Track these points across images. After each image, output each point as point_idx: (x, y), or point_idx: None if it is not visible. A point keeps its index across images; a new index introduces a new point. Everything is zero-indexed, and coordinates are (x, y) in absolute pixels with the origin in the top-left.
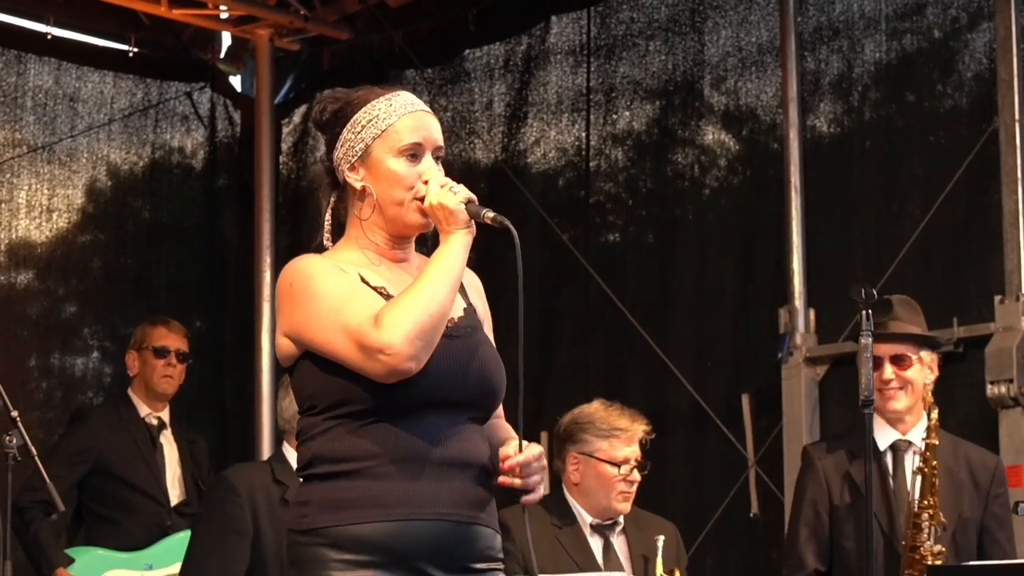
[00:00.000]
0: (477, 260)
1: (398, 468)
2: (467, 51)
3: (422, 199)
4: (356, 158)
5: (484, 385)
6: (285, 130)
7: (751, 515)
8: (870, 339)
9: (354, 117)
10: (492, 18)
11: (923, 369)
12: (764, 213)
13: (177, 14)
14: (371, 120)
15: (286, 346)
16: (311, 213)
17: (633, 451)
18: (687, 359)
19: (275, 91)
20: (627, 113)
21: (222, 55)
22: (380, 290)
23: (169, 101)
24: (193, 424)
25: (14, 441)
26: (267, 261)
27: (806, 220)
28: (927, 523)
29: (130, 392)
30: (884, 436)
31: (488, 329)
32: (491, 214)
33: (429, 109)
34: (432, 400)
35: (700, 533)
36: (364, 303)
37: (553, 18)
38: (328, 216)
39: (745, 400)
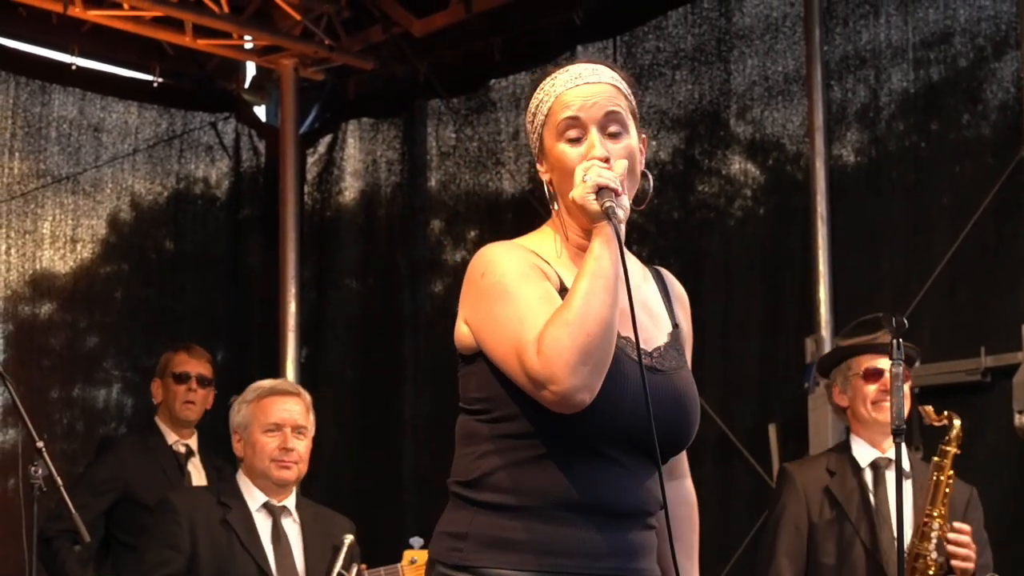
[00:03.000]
0: None
1: (572, 513)
2: (492, 81)
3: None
4: (538, 150)
5: (679, 432)
6: (310, 160)
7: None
8: (901, 368)
9: (529, 106)
10: (518, 47)
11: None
12: (790, 243)
13: (202, 44)
14: (538, 105)
15: (465, 336)
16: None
17: None
18: (713, 389)
19: (300, 121)
20: (653, 143)
21: (247, 85)
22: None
23: (193, 131)
24: (219, 454)
25: (40, 471)
26: (291, 291)
27: (832, 249)
28: (936, 532)
29: (157, 420)
30: (865, 454)
31: (688, 348)
32: (609, 203)
33: (601, 76)
34: (618, 439)
35: (727, 563)
36: (544, 320)
37: (579, 47)
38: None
39: (771, 430)
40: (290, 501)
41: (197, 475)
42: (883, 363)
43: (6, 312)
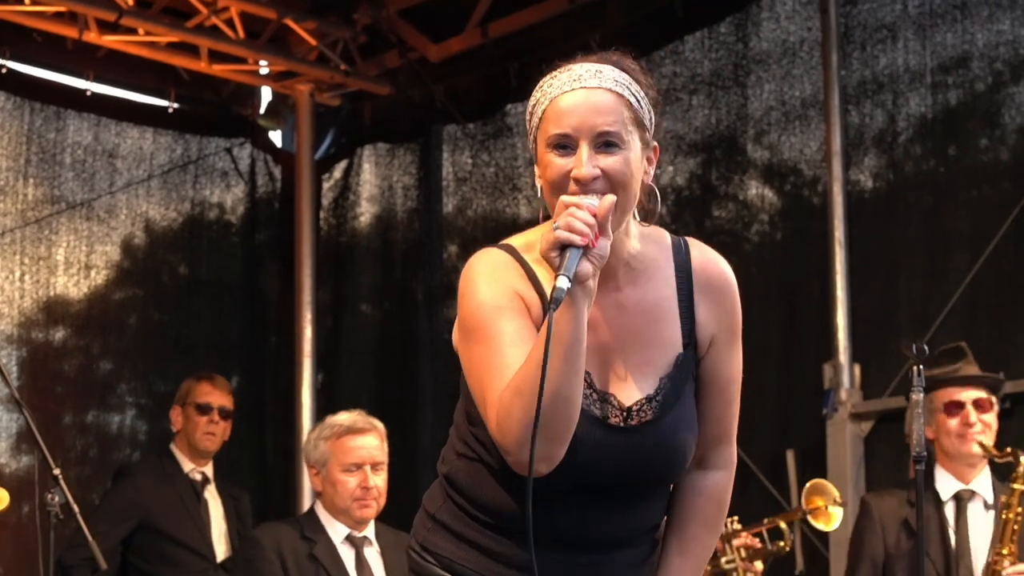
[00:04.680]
0: None
1: (525, 536)
2: (509, 106)
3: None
4: (533, 151)
5: (641, 477)
6: (325, 185)
7: (797, 573)
8: (921, 395)
9: (529, 102)
10: (534, 72)
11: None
12: (807, 268)
13: (217, 70)
14: (535, 106)
15: (456, 341)
16: (351, 268)
17: None
18: None
19: (315, 146)
20: (670, 168)
21: (262, 110)
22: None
23: (209, 157)
24: (234, 481)
25: (56, 499)
26: (307, 317)
27: (850, 274)
28: (1007, 572)
29: (173, 447)
30: (947, 486)
31: (721, 347)
32: (559, 283)
33: (603, 81)
34: (580, 489)
35: None
36: (510, 373)
37: None
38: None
39: (790, 456)
40: (370, 530)
41: (214, 503)
42: (963, 395)
43: (20, 338)
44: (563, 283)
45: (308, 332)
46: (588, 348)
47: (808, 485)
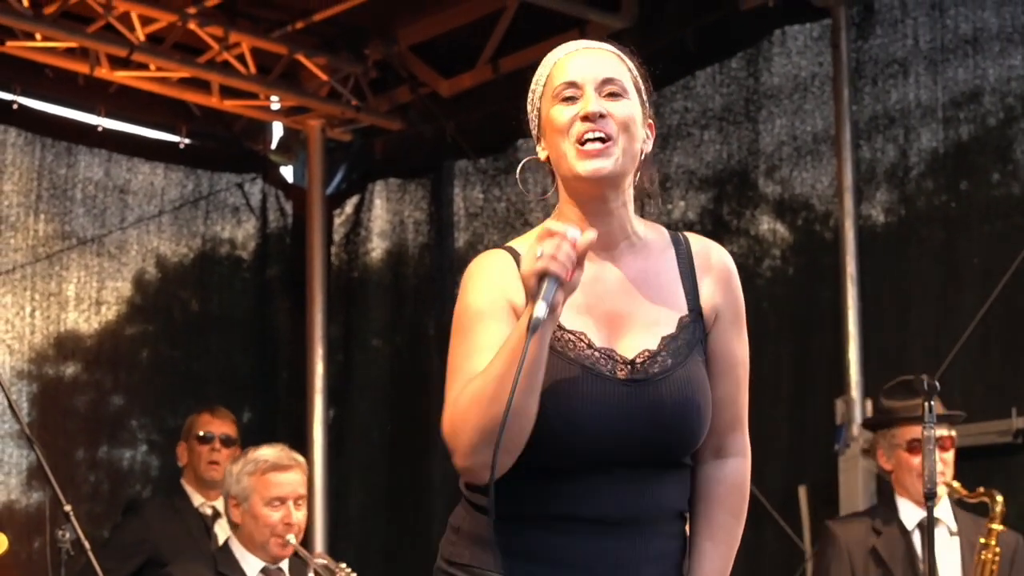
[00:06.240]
0: None
1: (549, 522)
2: (520, 140)
3: (583, 142)
4: (537, 128)
5: (668, 439)
6: (337, 220)
7: None
8: (933, 430)
9: (530, 86)
10: None
11: None
12: (819, 303)
13: (228, 105)
14: (537, 79)
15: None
16: (362, 303)
17: None
18: None
19: (327, 181)
20: (681, 202)
21: (274, 146)
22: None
23: (220, 192)
24: None
25: (67, 535)
26: (319, 352)
27: (862, 309)
28: None
29: (183, 482)
30: (910, 515)
31: (726, 324)
32: (537, 311)
33: (603, 46)
34: (593, 457)
35: None
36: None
37: None
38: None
39: (802, 492)
40: (284, 563)
41: (224, 537)
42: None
43: (31, 373)
44: (541, 311)
45: (319, 367)
46: (590, 310)
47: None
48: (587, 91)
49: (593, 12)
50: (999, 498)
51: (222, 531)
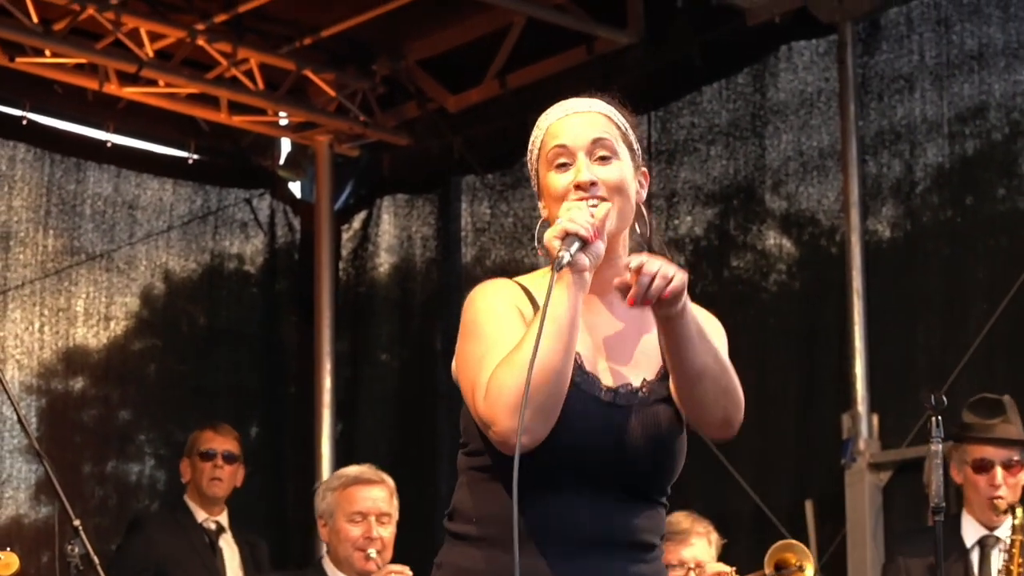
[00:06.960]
0: None
1: (526, 542)
2: (527, 156)
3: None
4: (537, 187)
5: (637, 465)
6: (345, 236)
7: None
8: (940, 446)
9: (528, 146)
10: None
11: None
12: (825, 317)
13: (237, 121)
14: (533, 142)
15: (453, 371)
16: (370, 318)
17: (692, 554)
18: (749, 465)
19: (335, 197)
20: (688, 217)
21: (282, 161)
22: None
23: (228, 208)
24: (253, 531)
25: (76, 550)
26: (326, 367)
27: (868, 324)
28: None
29: (186, 498)
30: (971, 532)
31: None
32: (567, 258)
33: (592, 107)
34: (568, 472)
35: None
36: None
37: None
38: None
39: (808, 506)
40: None
41: (229, 552)
42: (994, 455)
43: (39, 388)
44: (565, 256)
45: (327, 382)
46: (582, 338)
47: (776, 545)
48: (579, 158)
49: (600, 28)
50: (1019, 511)
51: (227, 545)
